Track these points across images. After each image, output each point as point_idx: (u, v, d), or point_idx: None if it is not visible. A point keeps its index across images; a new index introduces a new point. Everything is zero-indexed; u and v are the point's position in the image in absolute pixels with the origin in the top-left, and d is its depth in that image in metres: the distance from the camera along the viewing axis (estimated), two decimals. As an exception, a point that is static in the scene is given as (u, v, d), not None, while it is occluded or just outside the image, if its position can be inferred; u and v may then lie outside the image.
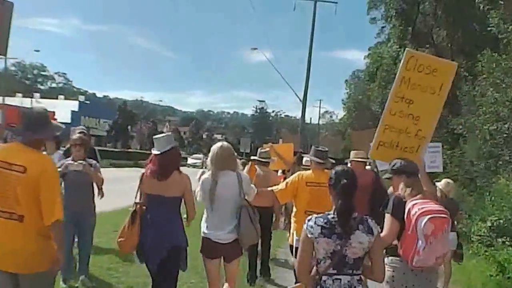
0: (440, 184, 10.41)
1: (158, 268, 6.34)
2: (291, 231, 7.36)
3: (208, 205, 6.50)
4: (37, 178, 4.80)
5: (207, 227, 6.52)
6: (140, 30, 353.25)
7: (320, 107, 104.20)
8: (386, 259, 4.98)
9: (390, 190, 6.42)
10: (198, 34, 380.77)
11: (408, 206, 4.97)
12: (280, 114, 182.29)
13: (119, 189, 16.54)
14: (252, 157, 11.07)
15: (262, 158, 10.35)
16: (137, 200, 6.41)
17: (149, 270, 6.54)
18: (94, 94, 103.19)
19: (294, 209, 7.41)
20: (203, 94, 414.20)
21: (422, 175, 5.54)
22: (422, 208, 4.83)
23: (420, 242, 4.77)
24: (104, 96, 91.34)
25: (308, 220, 4.22)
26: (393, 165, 5.47)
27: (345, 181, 4.22)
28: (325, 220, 4.15)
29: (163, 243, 6.25)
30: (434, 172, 13.22)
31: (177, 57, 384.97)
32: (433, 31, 38.11)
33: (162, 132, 10.67)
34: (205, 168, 7.60)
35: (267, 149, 10.94)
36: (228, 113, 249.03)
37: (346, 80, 59.84)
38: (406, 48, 6.76)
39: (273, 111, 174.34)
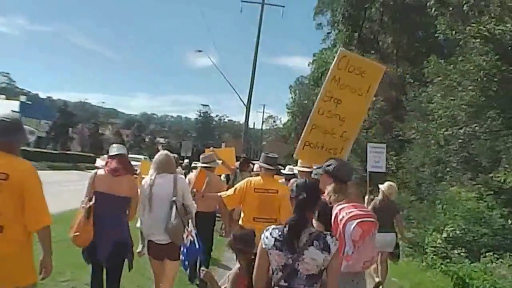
0: (382, 187, 10.74)
1: (106, 261, 6.71)
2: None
3: (145, 205, 6.93)
4: (21, 184, 4.73)
5: (147, 228, 7.01)
6: (86, 31, 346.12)
7: (263, 112, 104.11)
8: None
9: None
10: (143, 36, 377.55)
11: (335, 211, 4.87)
12: (224, 119, 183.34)
13: (54, 192, 15.80)
14: (194, 163, 11.16)
15: (204, 163, 10.19)
16: (88, 197, 6.68)
17: (93, 264, 6.95)
18: (37, 94, 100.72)
19: (242, 215, 7.42)
20: (147, 97, 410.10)
21: None
22: (350, 212, 4.78)
23: (348, 247, 4.71)
24: (48, 97, 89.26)
25: (266, 231, 4.20)
26: (328, 165, 5.30)
27: (304, 195, 4.16)
28: (280, 233, 4.11)
29: (110, 238, 6.57)
30: (379, 173, 14.22)
31: (121, 59, 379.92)
32: (379, 37, 38.69)
33: (104, 134, 11.78)
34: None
35: (210, 153, 10.90)
36: (172, 116, 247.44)
37: (291, 86, 60.00)
38: (340, 48, 6.72)
39: (216, 116, 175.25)
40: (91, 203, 6.56)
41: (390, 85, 30.07)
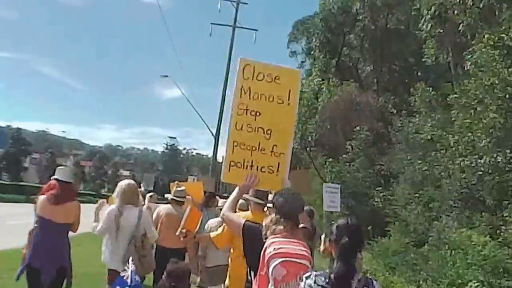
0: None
1: (50, 284, 7.01)
2: (227, 275, 6.94)
3: (112, 235, 7.21)
4: None
5: (111, 258, 7.22)
6: (48, 59, 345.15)
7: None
8: None
9: None
10: (111, 66, 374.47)
11: (267, 243, 4.50)
12: (192, 152, 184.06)
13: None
14: (166, 195, 11.07)
15: (177, 196, 10.15)
16: (36, 225, 7.19)
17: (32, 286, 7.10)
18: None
19: (231, 252, 6.88)
20: (113, 129, 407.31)
21: None
22: (279, 248, 4.38)
23: (269, 286, 4.37)
24: (7, 125, 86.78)
25: (307, 278, 3.97)
26: (274, 195, 5.01)
27: (346, 239, 3.94)
28: (326, 280, 3.89)
29: (53, 265, 6.97)
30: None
31: (86, 89, 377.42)
32: (358, 65, 38.61)
33: (62, 165, 11.28)
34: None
35: (183, 187, 10.61)
36: (138, 149, 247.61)
37: None
38: (239, 57, 5.88)
39: (184, 149, 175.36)
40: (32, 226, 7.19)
41: (371, 115, 28.60)
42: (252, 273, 4.93)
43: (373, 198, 23.07)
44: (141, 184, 15.33)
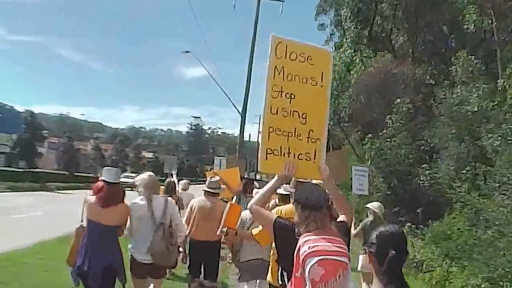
0: (373, 206, 11.21)
1: (99, 285, 7.19)
2: (272, 268, 7.22)
3: (136, 225, 7.56)
4: None
5: (134, 248, 7.66)
6: (71, 42, 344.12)
7: (260, 122, 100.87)
8: None
9: None
10: (132, 46, 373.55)
11: (300, 242, 4.28)
12: (217, 131, 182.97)
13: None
14: (202, 188, 10.43)
15: (211, 188, 9.94)
16: (83, 224, 7.42)
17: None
18: (12, 107, 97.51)
19: (273, 247, 6.19)
20: (136, 110, 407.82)
21: (330, 188, 5.07)
22: (314, 246, 4.17)
23: (307, 287, 4.13)
24: (27, 110, 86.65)
25: None
26: (295, 191, 5.14)
27: (393, 253, 3.60)
28: None
29: (100, 266, 7.15)
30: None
31: (108, 71, 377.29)
32: (392, 36, 37.49)
33: (80, 149, 19.91)
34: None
35: (217, 177, 10.40)
36: (162, 130, 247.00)
37: None
38: (271, 34, 5.53)
39: (209, 128, 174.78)
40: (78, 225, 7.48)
41: (409, 86, 27.53)
42: (285, 275, 4.81)
43: (418, 176, 21.75)
44: (172, 173, 14.86)
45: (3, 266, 12.31)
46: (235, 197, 12.54)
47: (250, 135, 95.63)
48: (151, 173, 8.15)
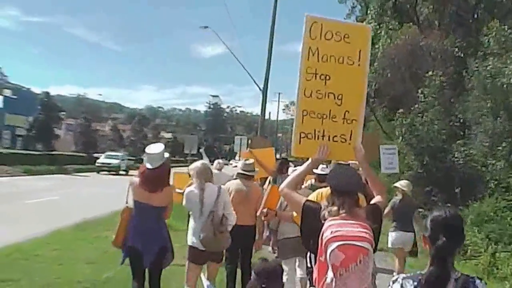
0: (402, 186, 11.35)
1: (150, 267, 7.62)
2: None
3: (195, 212, 7.79)
4: None
5: (192, 234, 7.85)
6: (83, 22, 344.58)
7: (279, 100, 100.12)
8: None
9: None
10: (147, 25, 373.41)
11: (324, 226, 4.29)
12: (235, 110, 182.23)
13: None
14: (235, 169, 10.78)
15: (245, 171, 9.84)
16: (128, 205, 7.70)
17: (135, 268, 7.73)
18: (29, 89, 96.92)
19: None
20: (153, 90, 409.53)
21: (364, 169, 5.18)
22: (336, 231, 4.18)
23: (329, 272, 4.19)
24: (44, 92, 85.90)
25: (393, 282, 3.77)
26: (329, 171, 5.32)
27: (443, 240, 3.55)
28: (415, 283, 3.65)
29: (154, 245, 7.52)
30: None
31: (124, 50, 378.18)
32: (417, 7, 35.60)
33: (98, 130, 21.46)
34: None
35: (252, 160, 10.33)
36: (180, 109, 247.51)
37: None
38: (305, 14, 5.36)
39: (228, 107, 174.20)
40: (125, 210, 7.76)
41: (439, 59, 26.81)
42: (313, 258, 4.94)
43: (452, 153, 20.82)
44: (202, 154, 14.72)
45: (12, 259, 11.48)
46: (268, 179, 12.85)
47: (270, 113, 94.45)
48: (205, 161, 8.41)
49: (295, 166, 11.01)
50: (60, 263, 11.42)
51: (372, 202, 4.91)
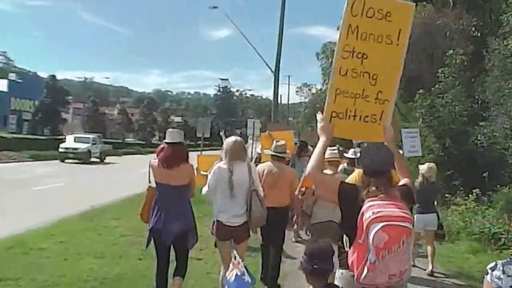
0: (422, 169, 11.43)
1: (173, 245, 7.78)
2: None
3: (223, 192, 7.65)
4: None
5: (219, 212, 7.77)
6: (89, 4, 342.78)
7: (289, 83, 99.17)
8: (337, 273, 5.01)
9: None
10: (155, 9, 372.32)
11: (363, 208, 4.23)
12: (245, 93, 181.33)
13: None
14: (266, 151, 10.87)
15: (277, 152, 9.87)
16: (151, 184, 7.95)
17: (159, 247, 7.85)
18: (35, 73, 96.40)
19: None
20: (161, 74, 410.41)
21: (392, 151, 4.84)
22: (378, 212, 4.13)
23: (370, 254, 4.12)
24: (50, 75, 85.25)
25: (492, 269, 3.52)
26: (359, 154, 5.13)
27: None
28: None
29: (174, 225, 7.58)
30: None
31: (132, 34, 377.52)
32: None
33: (106, 114, 20.53)
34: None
35: (283, 141, 10.24)
36: (189, 93, 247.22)
37: (317, 53, 56.86)
38: None
39: (237, 90, 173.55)
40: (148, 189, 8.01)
41: (457, 38, 25.91)
42: (347, 240, 4.55)
43: (475, 135, 20.04)
44: (222, 137, 14.23)
45: (12, 254, 10.66)
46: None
47: (281, 96, 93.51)
48: (238, 138, 8.14)
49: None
50: (65, 257, 10.60)
51: (400, 183, 4.81)
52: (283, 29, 35.84)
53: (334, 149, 10.03)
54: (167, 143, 7.69)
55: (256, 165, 9.82)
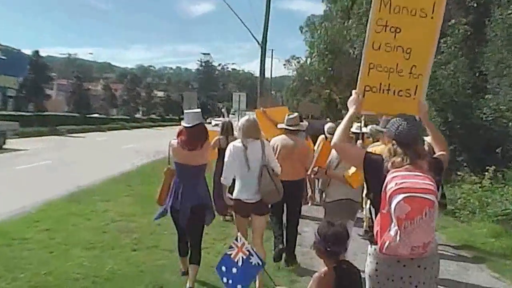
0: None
1: (187, 223, 7.75)
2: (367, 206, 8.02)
3: (239, 170, 7.69)
4: None
5: (238, 189, 7.78)
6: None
7: (272, 57, 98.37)
8: (369, 248, 4.71)
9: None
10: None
11: (387, 178, 4.23)
12: (227, 68, 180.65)
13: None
14: (279, 125, 10.25)
15: (290, 125, 9.64)
16: (170, 166, 8.02)
17: (177, 226, 7.97)
18: (19, 50, 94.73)
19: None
20: (144, 49, 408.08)
21: (426, 124, 5.04)
22: (401, 183, 4.09)
23: (393, 225, 4.13)
24: (34, 52, 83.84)
25: None
26: (389, 123, 4.75)
27: None
28: None
29: (189, 204, 7.64)
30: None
31: (114, 10, 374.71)
32: None
33: (90, 90, 18.63)
34: None
35: (295, 114, 10.17)
36: (171, 68, 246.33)
37: (301, 27, 55.34)
38: None
39: (219, 65, 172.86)
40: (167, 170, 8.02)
41: (456, 6, 24.18)
42: (373, 211, 4.57)
43: (480, 108, 18.72)
44: (224, 112, 13.36)
45: (-7, 246, 9.27)
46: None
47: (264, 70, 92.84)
48: (250, 117, 8.24)
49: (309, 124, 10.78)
50: (51, 250, 9.21)
51: (435, 155, 4.79)
52: (270, 1, 35.10)
53: (358, 125, 9.93)
54: (186, 127, 7.68)
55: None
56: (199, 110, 8.16)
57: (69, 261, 8.60)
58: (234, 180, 7.91)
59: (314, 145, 12.13)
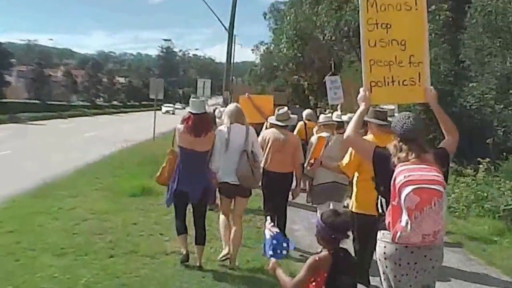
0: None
1: (196, 204, 8.05)
2: (352, 199, 7.39)
3: (222, 151, 8.04)
4: None
5: (224, 174, 8.09)
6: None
7: (234, 42, 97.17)
8: (378, 234, 4.89)
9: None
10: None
11: (396, 171, 4.45)
12: (188, 54, 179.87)
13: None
14: (269, 119, 10.22)
15: (280, 120, 9.68)
16: (174, 149, 8.17)
17: (178, 206, 8.14)
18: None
19: (356, 176, 7.15)
20: (105, 35, 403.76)
21: (435, 109, 5.14)
22: (409, 176, 4.30)
23: (403, 215, 4.31)
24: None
25: None
26: (394, 122, 4.97)
27: None
28: None
29: (199, 186, 7.89)
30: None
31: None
32: None
33: (50, 76, 14.52)
34: None
35: (285, 109, 10.00)
36: (132, 54, 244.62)
37: (265, 13, 56.08)
38: None
39: (180, 51, 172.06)
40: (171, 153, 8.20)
41: None
42: (384, 203, 4.76)
43: (463, 97, 18.24)
44: (204, 101, 12.50)
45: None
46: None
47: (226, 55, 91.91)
48: (237, 104, 8.88)
49: (292, 113, 10.78)
50: (16, 258, 7.83)
51: (440, 145, 4.98)
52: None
53: (328, 115, 10.29)
54: (192, 113, 7.94)
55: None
56: (203, 98, 7.59)
57: (38, 272, 7.23)
58: None
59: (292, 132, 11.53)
